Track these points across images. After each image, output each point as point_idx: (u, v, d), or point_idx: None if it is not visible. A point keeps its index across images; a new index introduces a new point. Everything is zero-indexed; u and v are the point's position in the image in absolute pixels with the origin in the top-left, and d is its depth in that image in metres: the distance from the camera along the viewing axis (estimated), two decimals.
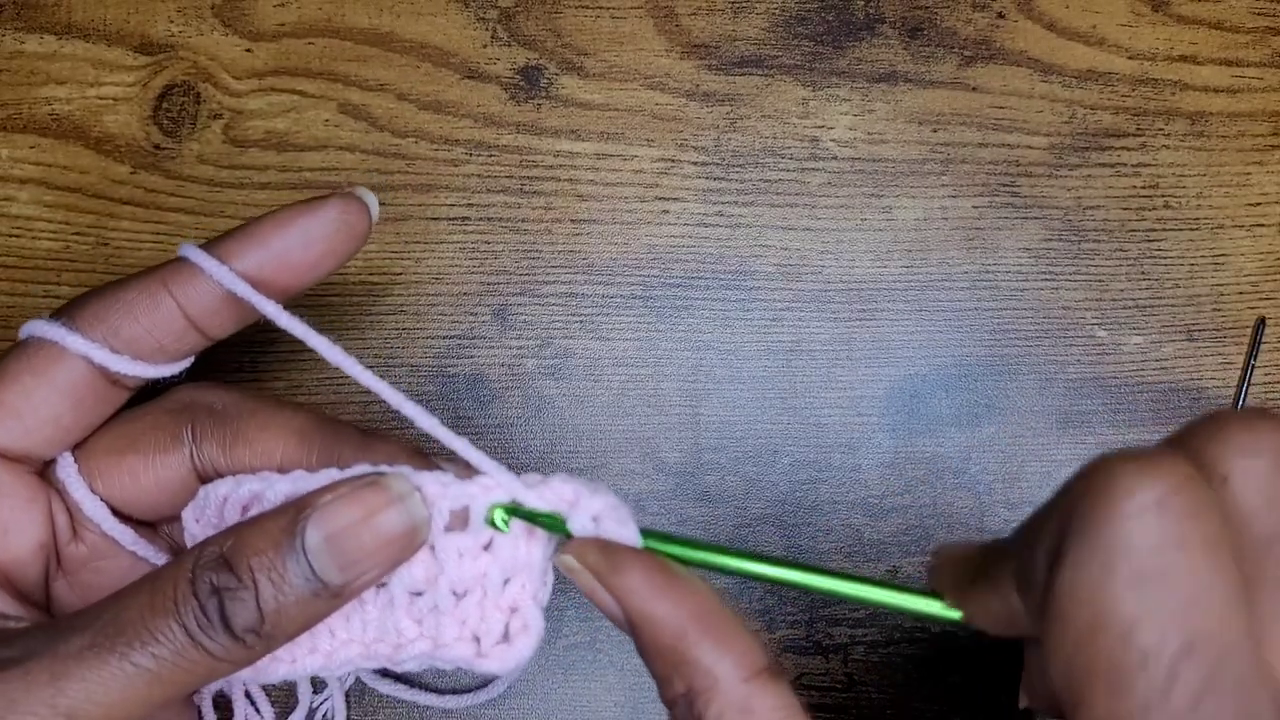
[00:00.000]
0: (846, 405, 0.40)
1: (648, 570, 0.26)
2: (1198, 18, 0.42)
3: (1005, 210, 0.41)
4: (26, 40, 0.40)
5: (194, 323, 0.30)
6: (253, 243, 0.29)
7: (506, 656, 0.28)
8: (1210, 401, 0.41)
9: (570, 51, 0.41)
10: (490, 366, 0.40)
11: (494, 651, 0.28)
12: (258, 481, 0.29)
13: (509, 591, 0.28)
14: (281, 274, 0.30)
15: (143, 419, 0.31)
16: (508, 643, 0.28)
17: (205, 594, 0.25)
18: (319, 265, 0.30)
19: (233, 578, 0.25)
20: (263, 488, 0.28)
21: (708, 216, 0.41)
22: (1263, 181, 0.42)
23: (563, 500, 0.27)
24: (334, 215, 0.30)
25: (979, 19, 0.42)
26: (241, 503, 0.29)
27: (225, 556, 0.25)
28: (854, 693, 0.38)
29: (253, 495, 0.29)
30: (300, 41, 0.41)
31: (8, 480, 0.29)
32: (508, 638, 0.28)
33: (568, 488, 0.27)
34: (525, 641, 0.28)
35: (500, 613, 0.28)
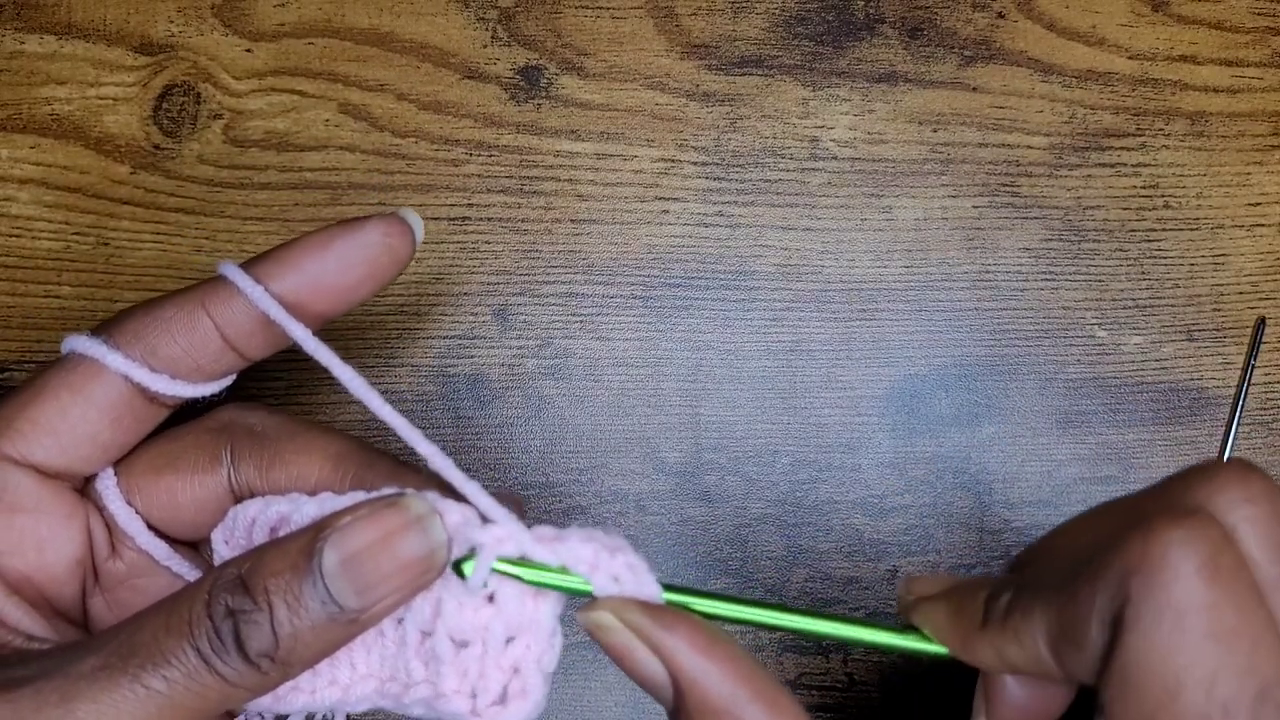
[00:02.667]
0: (846, 405, 0.40)
1: (693, 629, 0.25)
2: (1198, 18, 0.42)
3: (1005, 210, 0.41)
4: (26, 40, 0.40)
5: (231, 344, 0.29)
6: (290, 264, 0.29)
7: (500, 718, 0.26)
8: (1210, 401, 0.41)
9: (570, 51, 0.41)
10: (490, 366, 0.40)
11: (488, 713, 0.26)
12: (285, 503, 0.28)
13: (511, 650, 0.26)
14: (319, 297, 0.29)
15: (184, 438, 0.31)
16: (503, 705, 0.26)
17: (220, 616, 0.25)
18: (358, 289, 0.30)
19: (248, 600, 0.25)
20: (290, 509, 0.28)
21: (708, 216, 0.41)
22: (1263, 181, 0.42)
23: (581, 561, 0.26)
24: (375, 239, 0.29)
25: (979, 19, 0.42)
26: (270, 524, 0.28)
27: (242, 578, 0.25)
28: (854, 693, 0.38)
29: (280, 517, 0.28)
30: (300, 41, 0.41)
31: (45, 496, 0.29)
32: (504, 700, 0.26)
33: (586, 549, 0.26)
34: (520, 708, 0.26)
35: (500, 671, 0.26)
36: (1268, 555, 0.21)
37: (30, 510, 0.29)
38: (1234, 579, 0.20)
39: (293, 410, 0.39)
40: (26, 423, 0.29)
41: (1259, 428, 0.41)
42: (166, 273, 0.39)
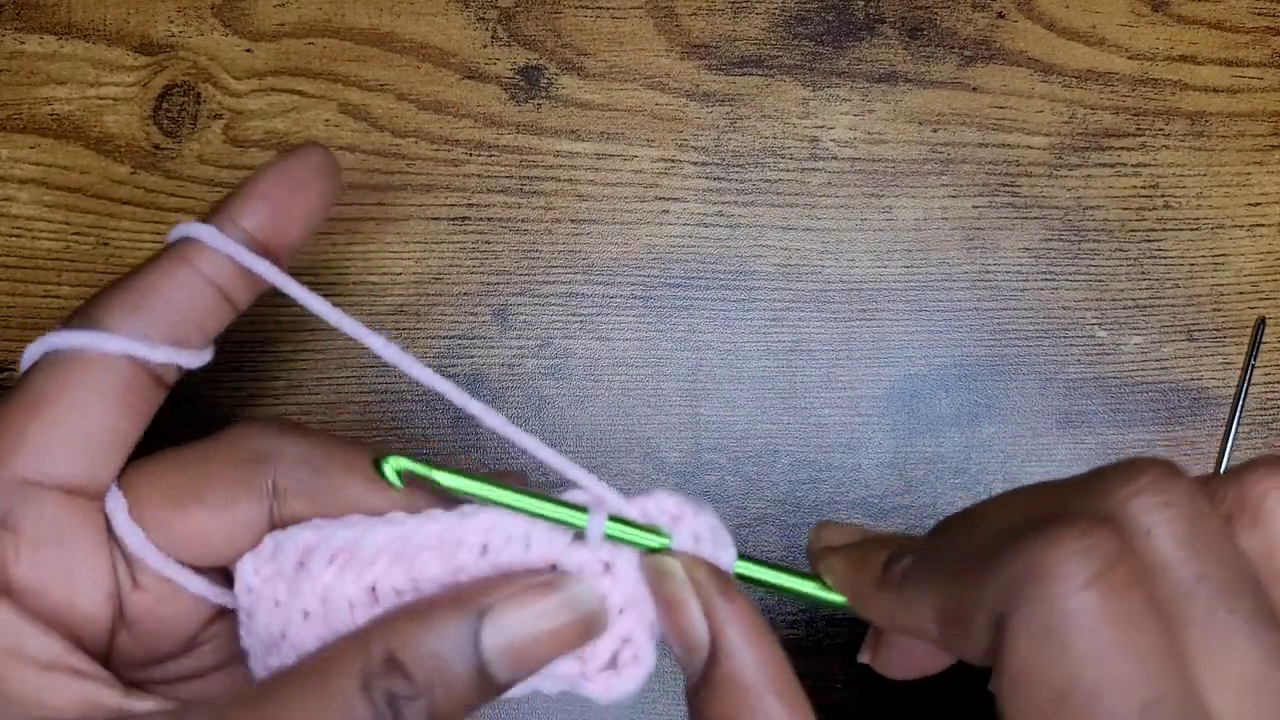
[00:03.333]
0: (846, 405, 0.40)
1: (750, 608, 0.26)
2: (1198, 18, 0.42)
3: (1005, 210, 0.41)
4: (26, 40, 0.40)
5: (227, 295, 0.29)
6: (252, 194, 0.29)
7: (612, 685, 0.27)
8: (1210, 401, 0.41)
9: (570, 51, 0.41)
10: (490, 366, 0.40)
11: (599, 678, 0.27)
12: (347, 528, 0.27)
13: (623, 621, 0.27)
14: (289, 221, 0.29)
15: (206, 466, 0.28)
16: (614, 671, 0.27)
17: (381, 705, 0.23)
18: (317, 204, 0.30)
19: (407, 685, 0.24)
20: (358, 535, 0.27)
21: (708, 216, 0.41)
22: (1263, 181, 0.42)
23: (666, 514, 0.27)
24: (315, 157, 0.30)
25: (979, 19, 0.42)
26: (330, 552, 0.27)
27: (396, 658, 0.24)
28: (854, 692, 0.38)
29: (345, 544, 0.27)
30: (300, 41, 0.41)
31: (72, 522, 0.27)
32: (615, 666, 0.27)
33: (671, 501, 0.27)
34: (634, 673, 0.27)
35: (610, 640, 0.27)
36: (1181, 558, 0.21)
37: (58, 541, 0.27)
38: (1125, 593, 0.20)
39: (290, 411, 0.39)
40: (39, 430, 0.27)
41: (1259, 428, 0.41)
42: None
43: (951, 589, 0.23)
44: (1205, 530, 0.22)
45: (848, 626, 0.39)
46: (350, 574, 0.27)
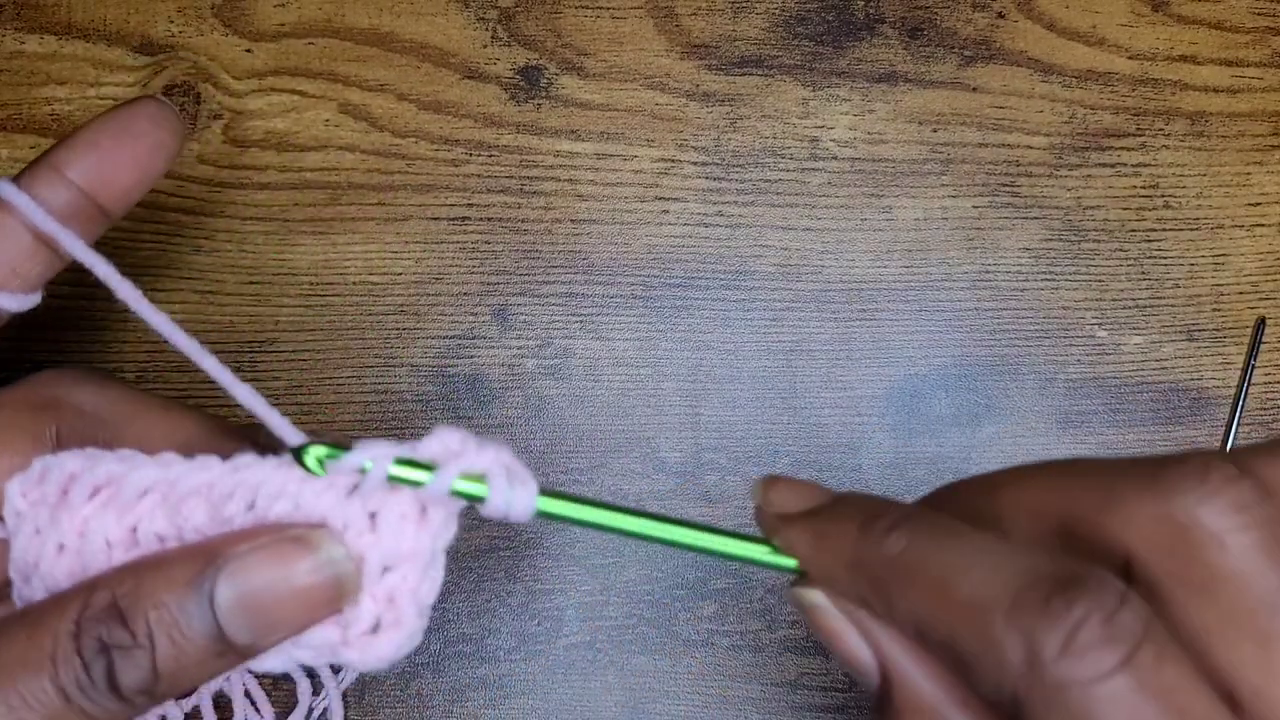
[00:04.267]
0: (846, 405, 0.40)
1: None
2: (1198, 18, 0.42)
3: (1005, 210, 0.41)
4: (26, 40, 0.40)
5: (44, 241, 0.27)
6: (75, 144, 0.27)
7: (369, 650, 0.25)
8: (1210, 401, 0.41)
9: (570, 51, 0.41)
10: (490, 366, 0.40)
11: (358, 642, 0.25)
12: (118, 462, 0.26)
13: (388, 580, 0.25)
14: (117, 170, 0.28)
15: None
16: (374, 635, 0.25)
17: (92, 653, 0.22)
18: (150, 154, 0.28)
19: (126, 634, 0.22)
20: (124, 470, 0.25)
21: (708, 216, 0.41)
22: (1263, 181, 0.42)
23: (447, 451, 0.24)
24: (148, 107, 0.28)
25: (979, 19, 0.42)
26: (94, 484, 0.26)
27: (119, 606, 0.22)
28: (854, 692, 0.38)
29: (111, 478, 0.25)
30: (300, 41, 0.41)
31: None
32: (376, 630, 0.25)
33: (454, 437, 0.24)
34: (391, 638, 0.25)
35: (374, 601, 0.25)
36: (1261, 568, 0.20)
37: None
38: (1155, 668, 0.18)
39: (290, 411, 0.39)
40: None
41: (1259, 428, 0.41)
42: (166, 273, 0.39)
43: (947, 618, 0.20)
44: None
45: None
46: (112, 511, 0.25)
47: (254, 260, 0.39)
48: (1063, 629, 0.18)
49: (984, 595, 0.20)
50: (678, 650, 0.38)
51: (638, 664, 0.38)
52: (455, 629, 0.38)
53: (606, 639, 0.38)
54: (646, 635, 0.38)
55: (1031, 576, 0.19)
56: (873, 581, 0.22)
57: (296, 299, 0.39)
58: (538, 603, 0.38)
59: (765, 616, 0.39)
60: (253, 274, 0.39)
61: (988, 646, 0.19)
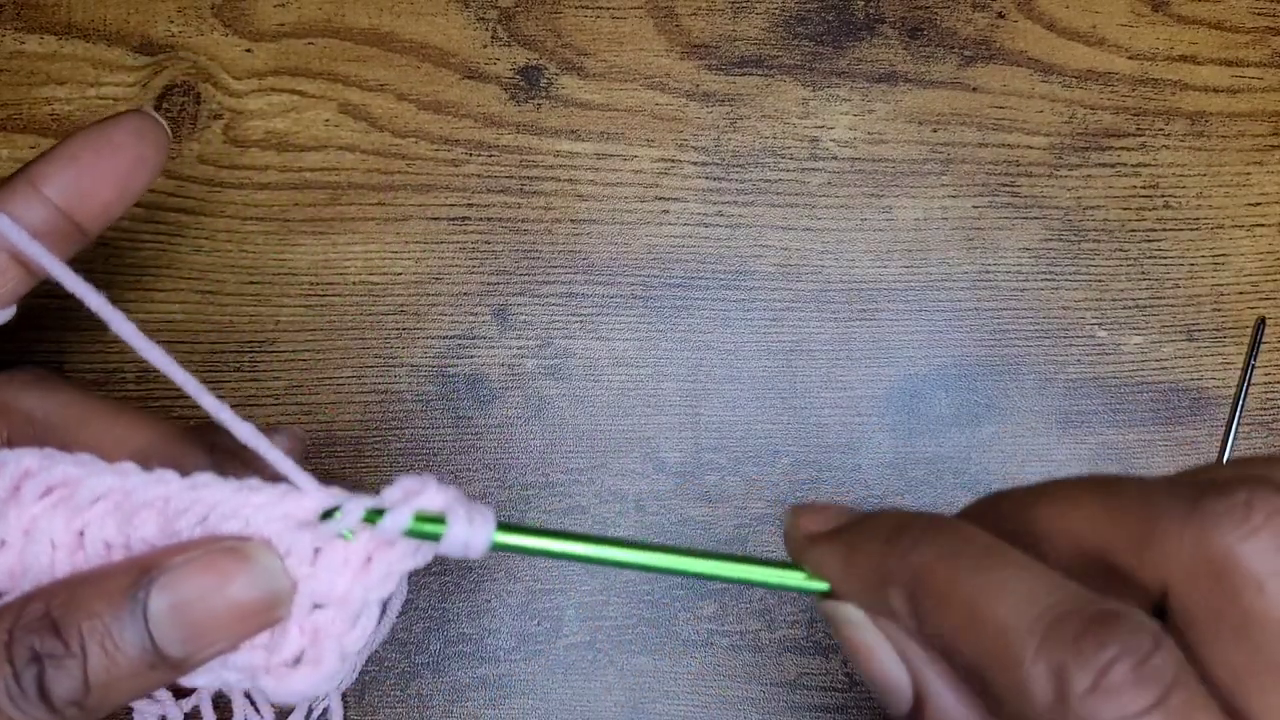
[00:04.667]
0: (846, 405, 0.40)
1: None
2: (1198, 18, 0.42)
3: (1005, 210, 0.41)
4: (26, 40, 0.40)
5: (17, 259, 0.27)
6: (54, 160, 0.27)
7: (284, 681, 0.24)
8: (1210, 401, 0.41)
9: (570, 51, 0.41)
10: (490, 366, 0.40)
11: (276, 671, 0.25)
12: (75, 465, 0.25)
13: (317, 616, 0.25)
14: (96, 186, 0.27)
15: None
16: (293, 669, 0.25)
17: (23, 661, 0.22)
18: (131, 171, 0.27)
19: (59, 643, 0.22)
20: (80, 474, 0.25)
21: (708, 216, 0.41)
22: (1263, 181, 0.42)
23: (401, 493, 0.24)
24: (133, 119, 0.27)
25: (979, 19, 0.42)
26: (47, 484, 0.25)
27: (53, 617, 0.22)
28: (854, 693, 0.38)
29: (66, 480, 0.25)
30: (300, 41, 0.41)
31: None
32: (296, 663, 0.25)
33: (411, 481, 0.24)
34: (307, 675, 0.24)
35: (300, 634, 0.25)
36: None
37: None
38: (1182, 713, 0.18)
39: (291, 412, 0.39)
40: None
41: (1259, 428, 0.41)
42: (166, 272, 0.39)
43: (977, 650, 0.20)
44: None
45: None
46: (62, 513, 0.25)
47: (254, 260, 0.39)
48: (1094, 667, 0.18)
49: (1016, 623, 0.19)
50: (678, 650, 0.38)
51: (638, 664, 0.38)
52: (455, 629, 0.38)
53: (606, 639, 0.38)
54: (646, 635, 0.38)
55: (1066, 609, 0.19)
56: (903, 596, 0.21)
57: (296, 299, 0.39)
58: (538, 603, 0.38)
59: (765, 616, 0.39)
60: (253, 274, 0.39)
61: (1016, 676, 0.19)
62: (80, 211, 0.27)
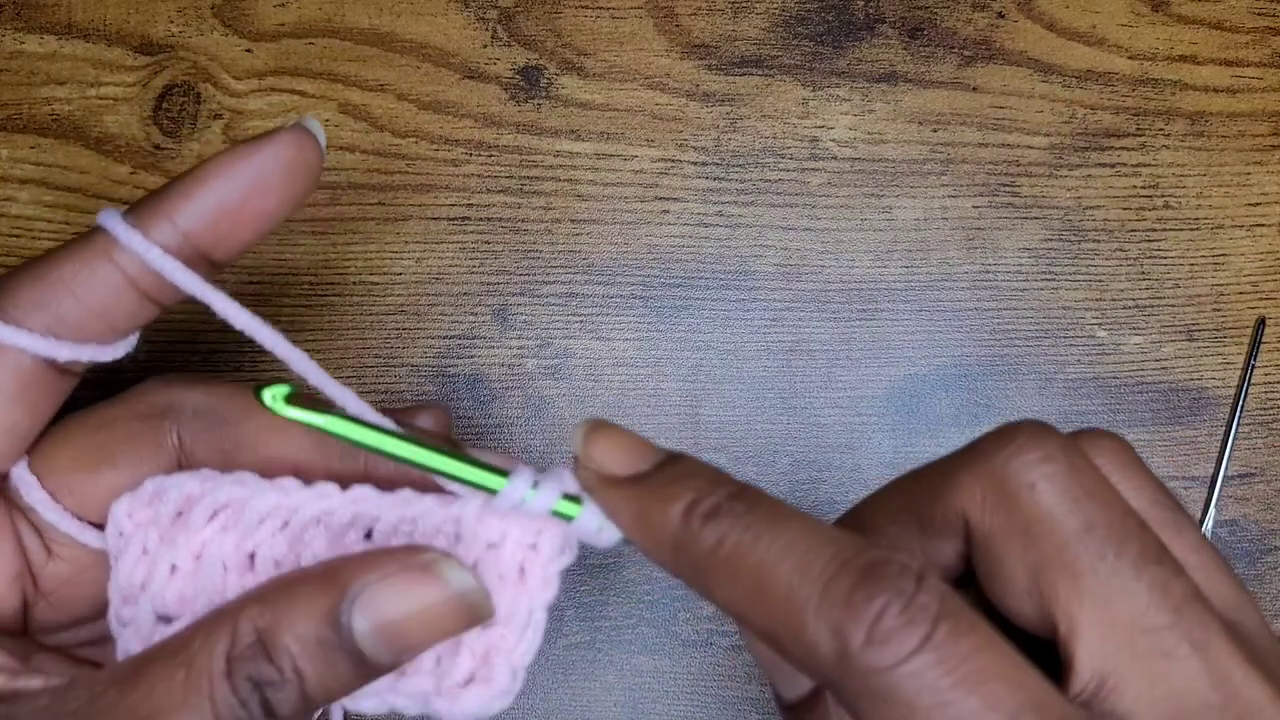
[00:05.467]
0: (846, 405, 0.40)
1: None
2: (1198, 18, 0.42)
3: (1005, 210, 0.41)
4: (26, 40, 0.40)
5: (147, 294, 0.26)
6: (198, 193, 0.25)
7: (457, 702, 0.25)
8: (1210, 401, 0.41)
9: (570, 51, 0.41)
10: (490, 366, 0.40)
11: (448, 693, 0.25)
12: (237, 485, 0.26)
13: (486, 636, 0.25)
14: (235, 226, 0.26)
15: (112, 428, 0.27)
16: (465, 689, 0.25)
17: (246, 691, 0.23)
18: (276, 211, 0.26)
19: (274, 669, 0.23)
20: (245, 495, 0.26)
21: (708, 216, 0.41)
22: (1263, 181, 0.42)
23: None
24: (288, 153, 0.26)
25: (979, 19, 0.42)
26: (214, 506, 0.26)
27: (263, 642, 0.23)
28: None
29: (230, 501, 0.26)
30: (300, 41, 0.41)
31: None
32: (468, 684, 0.25)
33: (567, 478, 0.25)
34: (479, 694, 0.25)
35: (472, 655, 0.25)
36: (1066, 510, 0.22)
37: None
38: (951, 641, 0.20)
39: None
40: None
41: (1259, 428, 0.41)
42: None
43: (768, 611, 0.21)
44: (1085, 480, 0.22)
45: None
46: (232, 535, 0.25)
47: (254, 260, 0.39)
48: (866, 620, 0.20)
49: (795, 591, 0.21)
50: (677, 650, 0.38)
51: (638, 664, 0.38)
52: None
53: (606, 639, 0.38)
54: (646, 635, 0.38)
55: (836, 566, 0.21)
56: (694, 569, 0.22)
57: (296, 299, 0.39)
58: None
59: None
60: (253, 274, 0.39)
61: (802, 640, 0.21)
62: (214, 249, 0.26)
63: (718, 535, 0.22)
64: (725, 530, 0.22)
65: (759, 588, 0.21)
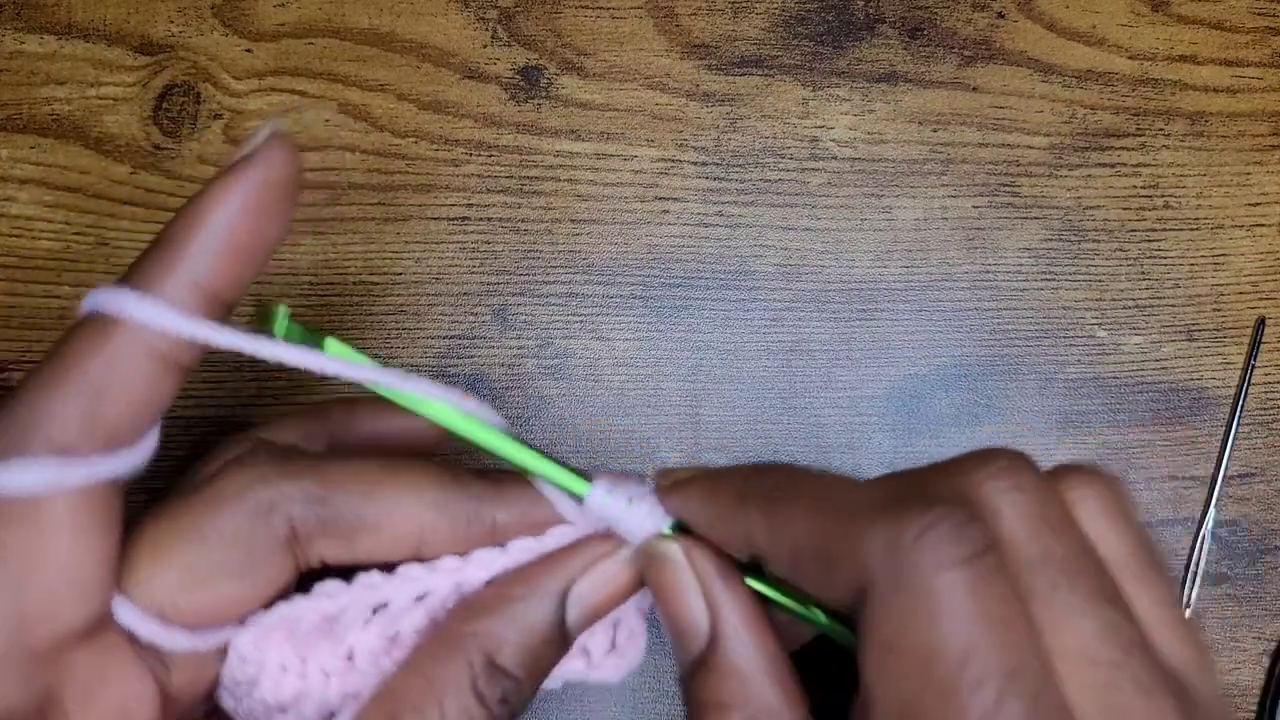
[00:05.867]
0: (846, 405, 0.40)
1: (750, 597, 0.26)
2: (1198, 18, 0.42)
3: (1005, 210, 0.41)
4: (26, 40, 0.40)
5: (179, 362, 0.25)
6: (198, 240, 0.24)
7: (619, 665, 0.29)
8: (1210, 401, 0.41)
9: (570, 51, 0.41)
10: (490, 366, 0.40)
11: (606, 662, 0.29)
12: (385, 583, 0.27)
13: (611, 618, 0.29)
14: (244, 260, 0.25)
15: (213, 537, 0.26)
16: (617, 652, 0.29)
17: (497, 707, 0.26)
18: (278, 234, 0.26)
19: (513, 684, 0.26)
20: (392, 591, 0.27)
21: (708, 216, 0.41)
22: (1263, 181, 0.42)
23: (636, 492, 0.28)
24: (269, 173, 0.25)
25: (979, 19, 0.42)
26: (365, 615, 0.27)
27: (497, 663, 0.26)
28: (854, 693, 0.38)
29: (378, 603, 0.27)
30: (300, 41, 0.41)
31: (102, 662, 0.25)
32: (615, 647, 0.29)
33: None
34: (635, 648, 0.29)
35: (604, 626, 0.29)
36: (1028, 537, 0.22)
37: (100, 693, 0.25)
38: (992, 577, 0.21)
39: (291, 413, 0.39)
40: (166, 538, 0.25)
41: (1259, 428, 0.41)
42: None
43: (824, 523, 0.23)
44: (1050, 514, 0.23)
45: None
46: (374, 627, 0.27)
47: None
48: (919, 524, 0.21)
49: (855, 504, 0.23)
50: None
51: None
52: None
53: None
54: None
55: (895, 491, 0.23)
56: (759, 504, 0.24)
57: (296, 299, 0.39)
58: None
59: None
60: None
61: (854, 541, 0.22)
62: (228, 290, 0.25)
63: (779, 476, 0.25)
64: (785, 473, 0.25)
65: (818, 505, 0.23)
